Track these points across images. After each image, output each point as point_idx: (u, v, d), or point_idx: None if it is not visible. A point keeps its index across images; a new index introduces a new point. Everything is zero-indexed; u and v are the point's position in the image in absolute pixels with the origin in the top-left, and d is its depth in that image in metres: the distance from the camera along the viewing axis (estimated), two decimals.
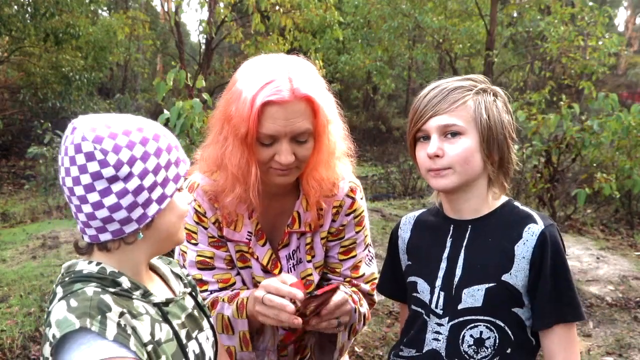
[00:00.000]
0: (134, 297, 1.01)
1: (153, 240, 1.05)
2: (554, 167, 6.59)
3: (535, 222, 1.26)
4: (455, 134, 1.25)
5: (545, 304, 1.23)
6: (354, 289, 1.51)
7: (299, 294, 1.20)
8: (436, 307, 1.30)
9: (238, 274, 1.46)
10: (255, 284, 1.45)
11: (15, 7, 11.02)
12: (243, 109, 1.24)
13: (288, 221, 1.45)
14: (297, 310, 1.20)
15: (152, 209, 1.00)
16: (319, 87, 1.30)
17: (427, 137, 1.28)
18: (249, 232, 1.44)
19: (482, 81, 1.30)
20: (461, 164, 1.25)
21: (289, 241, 1.47)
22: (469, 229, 1.31)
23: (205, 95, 4.11)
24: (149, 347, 0.96)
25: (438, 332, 1.29)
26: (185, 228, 1.42)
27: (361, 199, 1.53)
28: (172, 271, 1.19)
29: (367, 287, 1.55)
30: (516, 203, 1.34)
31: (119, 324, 0.92)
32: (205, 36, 15.52)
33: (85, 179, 0.95)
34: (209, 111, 3.91)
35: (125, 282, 1.01)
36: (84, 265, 1.01)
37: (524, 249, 1.24)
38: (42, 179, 8.55)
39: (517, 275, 1.24)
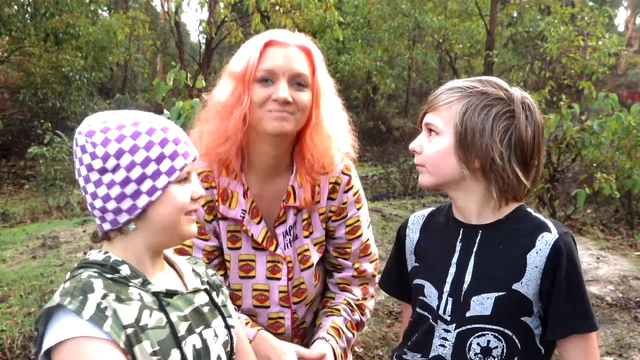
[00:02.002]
0: (130, 284, 1.04)
1: (149, 232, 1.07)
2: (554, 167, 6.59)
3: (549, 230, 1.23)
4: (433, 132, 1.27)
5: (560, 315, 1.20)
6: (346, 299, 1.56)
7: None
8: (444, 313, 1.28)
9: (216, 266, 1.48)
10: (241, 267, 1.48)
11: (15, 7, 11.01)
12: (245, 54, 1.34)
13: (283, 197, 1.46)
14: None
15: (142, 200, 1.04)
16: (319, 56, 1.40)
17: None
18: (242, 209, 1.44)
19: (493, 84, 1.25)
20: (431, 164, 1.27)
21: (286, 217, 1.48)
22: (479, 235, 1.29)
23: (205, 95, 4.10)
24: (129, 330, 0.97)
25: (445, 339, 1.28)
26: None
27: (355, 176, 1.56)
28: (193, 269, 1.22)
29: (371, 267, 1.59)
30: (529, 209, 1.31)
31: (98, 305, 0.96)
32: (205, 36, 15.53)
33: (82, 170, 1.05)
34: None
35: (125, 270, 1.05)
36: (93, 254, 1.08)
37: (536, 258, 1.21)
38: (42, 179, 8.54)
39: (528, 285, 1.22)
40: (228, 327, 1.18)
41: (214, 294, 1.21)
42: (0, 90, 13.62)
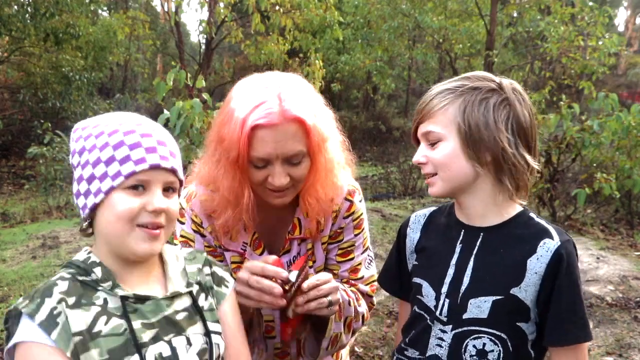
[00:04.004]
0: (99, 288, 1.04)
1: (101, 237, 1.07)
2: (554, 167, 6.59)
3: (551, 237, 1.23)
4: (435, 140, 1.25)
5: (557, 323, 1.21)
6: (352, 288, 1.50)
7: (283, 273, 1.21)
8: (440, 313, 1.28)
9: None
10: None
11: (15, 7, 11.01)
12: (234, 132, 1.22)
13: (289, 228, 1.44)
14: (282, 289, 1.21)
15: (90, 200, 1.04)
16: (312, 106, 1.27)
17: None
18: (244, 242, 1.43)
19: (479, 78, 1.25)
20: (443, 170, 1.25)
21: (290, 247, 1.46)
22: (480, 237, 1.28)
23: (205, 95, 4.11)
24: (76, 338, 0.97)
25: (441, 339, 1.28)
26: (182, 235, 1.42)
27: (360, 201, 1.50)
28: (184, 268, 1.17)
29: (366, 288, 1.54)
30: (531, 214, 1.31)
31: (52, 310, 0.97)
32: (205, 36, 15.53)
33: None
34: (209, 111, 3.91)
35: (97, 273, 1.05)
36: (80, 253, 1.10)
37: (537, 264, 1.21)
38: (42, 179, 8.54)
39: (526, 290, 1.21)
40: (208, 333, 1.12)
41: (201, 296, 1.16)
42: (0, 90, 13.61)
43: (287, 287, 1.22)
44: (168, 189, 1.08)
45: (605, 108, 6.04)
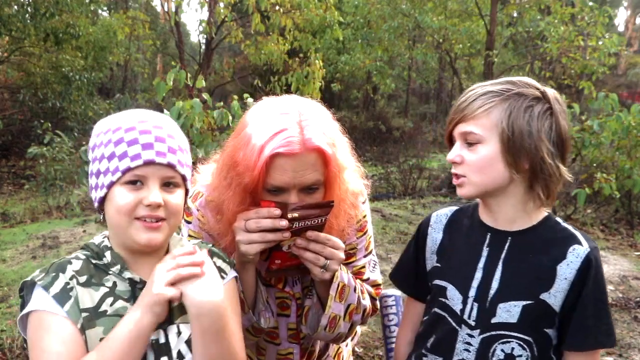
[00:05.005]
0: (110, 272, 1.11)
1: (110, 227, 1.13)
2: None
3: (580, 243, 1.23)
4: (474, 142, 1.23)
5: (583, 328, 1.21)
6: (359, 281, 1.48)
7: (276, 210, 1.21)
8: (469, 317, 1.27)
9: None
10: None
11: (15, 7, 11.01)
12: (250, 158, 1.19)
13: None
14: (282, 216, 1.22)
15: (98, 193, 1.10)
16: (331, 134, 1.25)
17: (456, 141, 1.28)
18: None
19: (524, 84, 1.23)
20: (475, 173, 1.23)
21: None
22: (508, 242, 1.27)
23: (205, 95, 4.11)
24: (84, 314, 1.05)
25: (469, 343, 1.27)
26: (190, 235, 1.41)
27: (363, 203, 1.49)
28: None
29: (371, 289, 1.52)
30: (557, 219, 1.31)
31: (65, 285, 1.05)
32: (205, 36, 15.53)
33: None
34: (209, 111, 3.91)
35: (108, 257, 1.12)
36: (96, 237, 1.18)
37: (567, 270, 1.21)
38: (42, 179, 8.54)
39: (556, 296, 1.22)
40: None
41: None
42: (0, 90, 13.62)
43: (289, 217, 1.22)
44: (169, 184, 1.10)
45: (605, 108, 6.04)
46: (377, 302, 1.57)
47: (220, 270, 1.23)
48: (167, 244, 1.20)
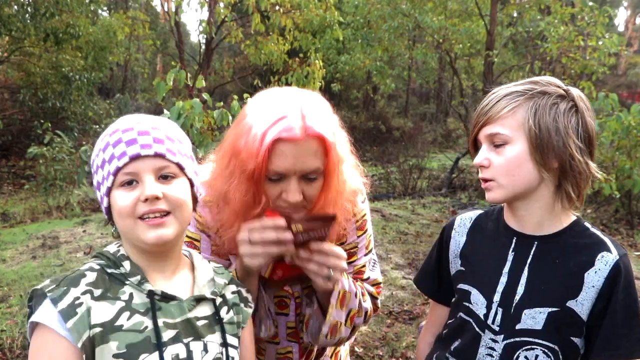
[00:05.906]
0: (127, 282, 1.06)
1: (121, 235, 1.10)
2: None
3: (609, 250, 1.20)
4: (501, 143, 1.21)
5: (614, 338, 1.18)
6: (359, 283, 1.48)
7: (281, 221, 1.21)
8: (493, 323, 1.26)
9: None
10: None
11: (15, 7, 11.01)
12: (252, 145, 1.19)
13: None
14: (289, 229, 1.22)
15: (103, 204, 1.09)
16: (331, 125, 1.25)
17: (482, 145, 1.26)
18: None
19: (547, 83, 1.22)
20: (504, 176, 1.21)
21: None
22: (535, 247, 1.25)
23: (205, 95, 4.11)
24: (97, 329, 0.99)
25: (492, 349, 1.25)
26: (188, 236, 1.40)
27: (362, 202, 1.49)
28: (213, 278, 1.18)
29: (372, 289, 1.52)
30: (586, 224, 1.28)
31: (74, 300, 1.00)
32: (205, 36, 15.52)
33: None
34: (209, 111, 3.91)
35: (126, 266, 1.08)
36: (111, 245, 1.13)
37: (594, 278, 1.18)
38: (42, 179, 8.54)
39: (583, 304, 1.19)
40: (226, 344, 1.13)
41: (223, 309, 1.17)
42: (0, 90, 13.62)
43: (294, 230, 1.22)
44: (166, 177, 1.06)
45: (605, 108, 6.04)
46: (378, 301, 1.57)
47: (246, 300, 1.24)
48: (191, 256, 1.19)
